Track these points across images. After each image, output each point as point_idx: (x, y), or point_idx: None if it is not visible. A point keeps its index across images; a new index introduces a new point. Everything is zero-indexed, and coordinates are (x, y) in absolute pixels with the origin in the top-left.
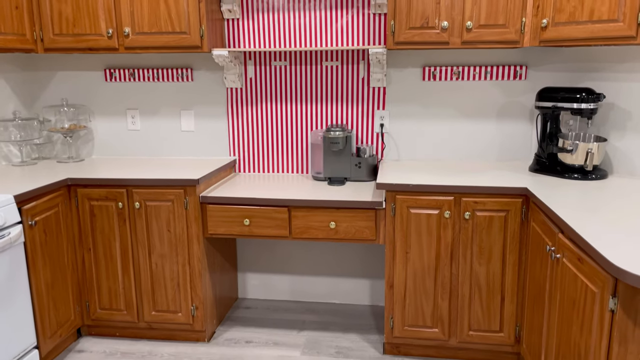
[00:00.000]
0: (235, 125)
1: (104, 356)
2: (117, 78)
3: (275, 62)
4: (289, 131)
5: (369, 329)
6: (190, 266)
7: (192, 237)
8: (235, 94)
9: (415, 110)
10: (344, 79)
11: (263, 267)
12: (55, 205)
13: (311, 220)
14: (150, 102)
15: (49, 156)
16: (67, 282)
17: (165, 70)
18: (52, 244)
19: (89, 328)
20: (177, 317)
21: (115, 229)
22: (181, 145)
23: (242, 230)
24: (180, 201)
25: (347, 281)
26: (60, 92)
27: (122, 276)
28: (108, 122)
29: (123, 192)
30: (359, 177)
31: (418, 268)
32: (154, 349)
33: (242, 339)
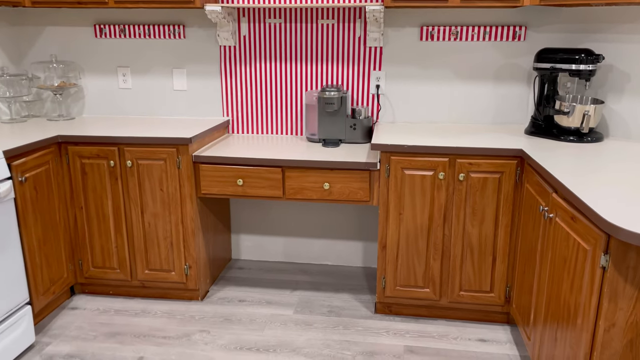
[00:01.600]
0: (228, 84)
1: (97, 313)
2: (107, 34)
3: (270, 20)
4: (284, 91)
5: (361, 289)
6: (184, 225)
7: (185, 197)
8: (228, 52)
9: (411, 71)
10: (339, 38)
11: (257, 228)
12: (45, 162)
13: (305, 181)
14: (142, 59)
15: (38, 114)
16: (59, 239)
17: (157, 27)
18: (43, 201)
19: (82, 286)
20: (170, 275)
21: (107, 188)
22: (174, 105)
23: (236, 191)
24: (172, 160)
25: (340, 243)
26: (49, 48)
27: (115, 235)
28: (99, 80)
29: (114, 150)
30: (354, 138)
31: (411, 229)
32: (148, 307)
33: (236, 298)
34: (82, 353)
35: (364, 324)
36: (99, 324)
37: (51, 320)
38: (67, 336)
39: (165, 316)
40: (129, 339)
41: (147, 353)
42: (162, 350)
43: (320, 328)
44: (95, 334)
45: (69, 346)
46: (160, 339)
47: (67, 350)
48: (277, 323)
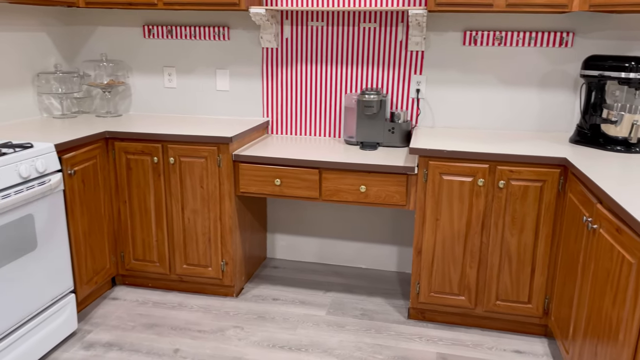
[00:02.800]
0: (269, 86)
1: (136, 305)
2: (155, 35)
3: (312, 23)
4: (323, 94)
5: (395, 294)
6: (222, 222)
7: (224, 195)
8: (270, 54)
9: (453, 75)
10: (381, 42)
11: (292, 228)
12: (93, 157)
13: (341, 183)
14: (187, 60)
15: (88, 110)
16: (103, 232)
17: (203, 29)
18: (90, 194)
19: (123, 277)
20: (207, 271)
21: (150, 183)
22: (216, 105)
23: (273, 190)
24: (213, 158)
25: (375, 246)
26: (100, 47)
27: (156, 229)
28: (145, 79)
29: (158, 147)
30: (392, 142)
31: (447, 235)
32: (184, 301)
33: (270, 296)
34: (121, 342)
35: (397, 328)
36: (138, 314)
37: (93, 309)
38: (108, 325)
39: (201, 311)
40: (165, 331)
41: (182, 346)
42: (197, 344)
43: (352, 330)
44: (134, 325)
45: (109, 335)
46: (195, 332)
47: (107, 338)
48: (309, 323)
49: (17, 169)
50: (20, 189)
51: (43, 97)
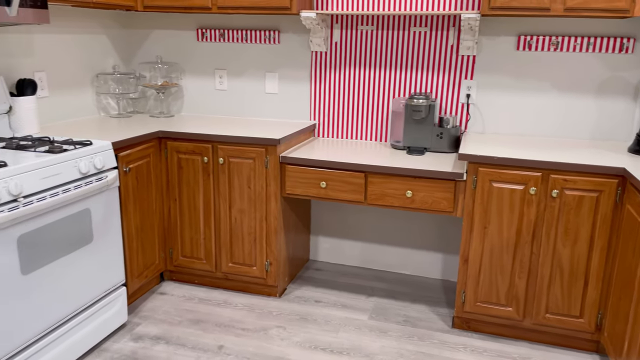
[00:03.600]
0: (317, 89)
1: (183, 300)
2: (208, 38)
3: (362, 27)
4: (371, 98)
5: (439, 302)
6: (267, 223)
7: (271, 195)
8: (319, 57)
9: (505, 81)
10: (431, 46)
11: (335, 231)
12: (147, 155)
13: (387, 187)
14: (238, 63)
15: (142, 110)
16: (154, 228)
17: (254, 32)
18: (143, 191)
19: (171, 273)
20: (251, 270)
21: (199, 182)
22: (264, 107)
23: (318, 193)
24: (261, 159)
25: (419, 253)
26: (155, 50)
27: (204, 227)
28: (197, 81)
29: (209, 147)
30: (440, 147)
31: (496, 244)
32: (229, 299)
33: (312, 298)
34: (168, 336)
35: (441, 337)
36: (184, 310)
37: (142, 303)
38: (155, 319)
39: (245, 309)
40: (210, 327)
41: (227, 342)
42: (241, 342)
43: (394, 336)
44: (181, 320)
45: (157, 328)
46: (239, 330)
47: (154, 332)
48: (351, 327)
49: (77, 165)
50: (79, 184)
51: (101, 97)
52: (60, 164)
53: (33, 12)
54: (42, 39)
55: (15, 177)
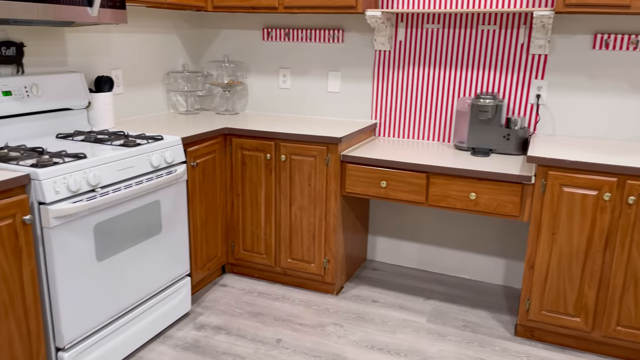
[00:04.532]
0: (380, 88)
1: (243, 293)
2: (273, 37)
3: (428, 25)
4: (434, 97)
5: (500, 308)
6: (326, 221)
7: (330, 193)
8: (383, 56)
9: (579, 81)
10: (500, 45)
11: (393, 232)
12: (213, 151)
13: (450, 189)
14: (301, 62)
15: (208, 108)
16: (217, 222)
17: (318, 31)
18: (208, 185)
19: (232, 266)
20: (309, 267)
21: (262, 178)
22: (326, 106)
23: (378, 192)
24: (322, 157)
25: (480, 257)
26: (223, 49)
27: (265, 223)
28: (262, 80)
29: (272, 144)
30: (506, 149)
31: (565, 251)
32: (287, 294)
33: (369, 298)
34: (228, 327)
35: (502, 344)
36: (244, 302)
37: (204, 294)
38: (217, 310)
39: (302, 304)
40: (269, 321)
41: (284, 336)
42: (298, 336)
43: (453, 341)
44: (241, 312)
45: (218, 319)
46: (297, 325)
47: (216, 322)
48: (409, 329)
49: (149, 158)
50: (151, 177)
51: (171, 94)
52: (134, 157)
53: (112, 12)
54: (118, 38)
55: (94, 169)
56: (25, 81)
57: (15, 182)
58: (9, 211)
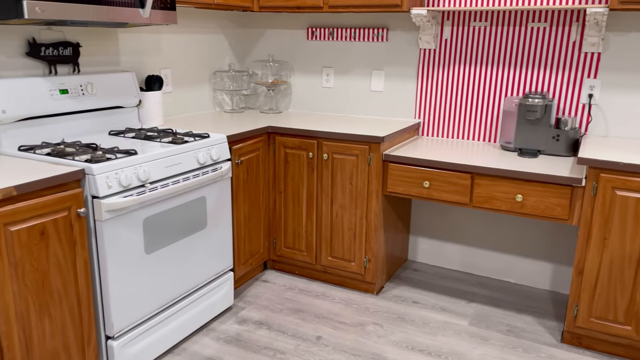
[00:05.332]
0: (423, 87)
1: (284, 289)
2: (317, 37)
3: (475, 23)
4: (480, 96)
5: (546, 314)
6: (367, 220)
7: (372, 193)
8: (428, 55)
9: (634, 80)
10: (550, 42)
11: (435, 233)
12: (256, 149)
13: (495, 190)
14: (345, 61)
15: (253, 106)
16: (260, 218)
17: (362, 30)
18: (252, 182)
19: (273, 262)
20: (350, 265)
21: (304, 177)
22: (369, 105)
23: (421, 192)
24: (364, 156)
25: (526, 261)
26: (268, 49)
27: (306, 220)
28: (305, 79)
29: (314, 143)
30: (555, 150)
31: (616, 257)
32: (327, 291)
33: (409, 299)
34: (269, 322)
35: (548, 351)
36: (285, 299)
37: (246, 289)
38: (258, 305)
39: (342, 303)
40: (309, 318)
41: (324, 334)
42: (338, 334)
43: (497, 345)
44: (282, 308)
45: (259, 314)
46: (336, 323)
47: (257, 317)
48: (450, 331)
49: (196, 155)
50: (197, 173)
51: (217, 93)
52: (182, 154)
53: (162, 13)
54: (168, 38)
55: (144, 165)
56: (81, 80)
57: (71, 176)
58: (65, 204)
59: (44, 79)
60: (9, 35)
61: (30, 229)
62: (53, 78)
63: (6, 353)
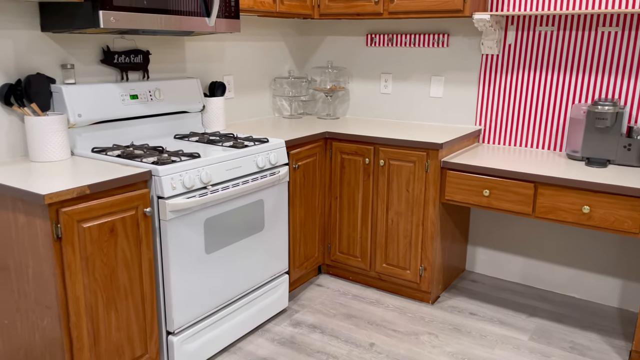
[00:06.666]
0: (485, 93)
1: (338, 294)
2: (376, 43)
3: (541, 28)
4: (546, 103)
5: (613, 332)
6: (424, 227)
7: (429, 200)
8: (490, 61)
9: None
10: (622, 47)
11: (495, 243)
12: (313, 154)
13: (560, 201)
14: (404, 67)
15: (310, 112)
16: (315, 223)
17: (422, 36)
18: (308, 187)
19: (327, 267)
20: (405, 273)
21: (360, 182)
22: (427, 111)
23: (480, 201)
24: (421, 163)
25: (592, 276)
26: (327, 55)
27: (361, 226)
28: (363, 85)
29: (371, 149)
30: (627, 160)
31: None
32: (381, 299)
33: (466, 310)
34: (323, 326)
35: None
36: (339, 304)
37: (300, 292)
38: (312, 308)
39: (396, 311)
40: (362, 324)
41: (378, 341)
42: (392, 342)
43: None
44: (335, 312)
45: (313, 317)
46: (390, 331)
47: (311, 320)
48: (509, 345)
49: (255, 159)
50: (256, 177)
51: (276, 99)
52: (242, 158)
53: (227, 22)
54: (231, 46)
55: (206, 168)
56: (150, 86)
57: (139, 177)
58: (132, 203)
59: (116, 84)
60: (85, 44)
61: (101, 226)
62: (124, 84)
63: (75, 343)
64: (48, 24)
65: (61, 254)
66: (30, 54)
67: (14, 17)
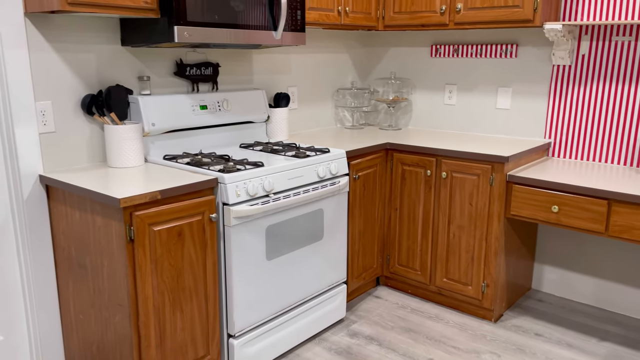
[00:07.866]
0: (556, 105)
1: (396, 307)
2: (441, 54)
3: (617, 37)
4: (622, 116)
5: None
6: (487, 243)
7: (493, 215)
8: (561, 72)
9: None
10: None
11: (565, 262)
12: (374, 165)
13: (637, 220)
14: (469, 78)
15: (372, 123)
16: (374, 234)
17: (489, 47)
18: (368, 198)
19: (386, 279)
20: (466, 289)
21: (421, 195)
22: (493, 123)
23: (548, 217)
24: (486, 176)
25: None
26: (390, 67)
27: (421, 239)
28: (426, 96)
29: (433, 160)
30: None
31: None
32: (441, 314)
33: (531, 330)
34: (380, 338)
35: None
36: (397, 317)
37: (358, 303)
38: (370, 320)
39: (456, 327)
40: (421, 339)
41: (436, 357)
42: (451, 359)
43: None
44: (393, 325)
45: (370, 329)
46: (450, 347)
47: (368, 332)
48: None
49: (316, 169)
50: (316, 186)
51: (339, 110)
52: (303, 167)
53: (292, 35)
54: (297, 58)
55: (269, 176)
56: (218, 97)
57: (206, 184)
58: (199, 209)
59: (188, 95)
60: (160, 57)
61: (169, 229)
62: (195, 95)
63: (143, 341)
64: (127, 38)
65: (133, 255)
66: (111, 66)
67: (98, 32)
